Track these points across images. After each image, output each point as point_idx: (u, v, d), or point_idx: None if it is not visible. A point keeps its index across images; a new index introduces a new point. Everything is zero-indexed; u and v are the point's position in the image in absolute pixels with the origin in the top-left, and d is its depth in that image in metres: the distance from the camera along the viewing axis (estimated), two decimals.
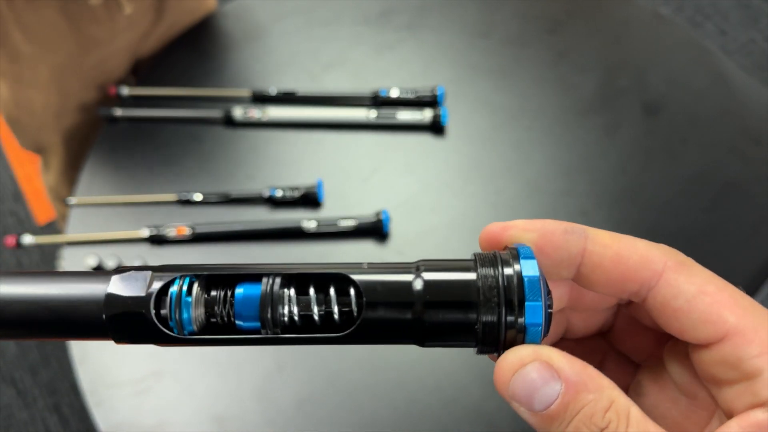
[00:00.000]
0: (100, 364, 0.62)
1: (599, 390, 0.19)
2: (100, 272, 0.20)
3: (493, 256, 0.20)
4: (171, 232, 0.67)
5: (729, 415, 0.20)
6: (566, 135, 0.77)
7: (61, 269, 0.67)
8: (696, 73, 0.83)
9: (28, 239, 0.69)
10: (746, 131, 0.78)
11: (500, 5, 0.88)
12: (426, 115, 0.75)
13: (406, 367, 0.62)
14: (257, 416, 0.59)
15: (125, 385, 0.60)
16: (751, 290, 0.67)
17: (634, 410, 0.19)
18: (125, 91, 0.78)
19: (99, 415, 0.59)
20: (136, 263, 0.64)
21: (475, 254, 0.21)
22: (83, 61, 0.77)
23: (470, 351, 0.21)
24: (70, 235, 0.69)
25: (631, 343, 0.25)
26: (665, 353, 0.23)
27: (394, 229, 0.69)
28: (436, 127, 0.76)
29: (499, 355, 0.20)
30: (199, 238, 0.67)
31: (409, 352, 0.62)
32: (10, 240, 0.69)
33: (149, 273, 0.20)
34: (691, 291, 0.20)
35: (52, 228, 1.41)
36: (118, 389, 0.60)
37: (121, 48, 0.81)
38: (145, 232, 0.67)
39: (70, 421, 1.20)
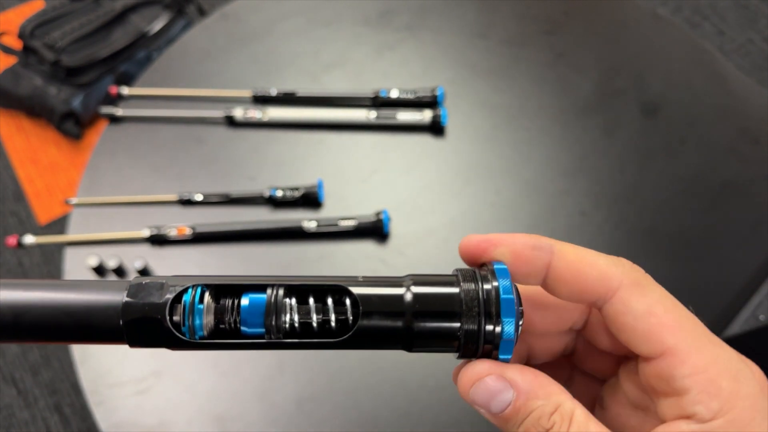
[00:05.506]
0: (101, 364, 0.61)
1: (547, 396, 0.22)
2: (116, 281, 0.21)
3: (473, 273, 0.22)
4: (172, 232, 0.67)
5: (662, 423, 0.22)
6: (565, 135, 0.77)
7: (66, 271, 0.67)
8: (694, 73, 0.83)
9: (29, 239, 0.68)
10: (744, 131, 0.78)
11: (499, 6, 0.89)
12: (426, 115, 0.75)
13: (407, 368, 0.62)
14: (258, 416, 0.59)
15: (126, 385, 0.60)
16: (750, 290, 0.67)
17: (579, 411, 0.21)
18: (126, 91, 0.78)
19: (100, 414, 0.59)
20: (137, 263, 0.65)
21: (457, 270, 0.23)
22: None
23: None
24: (71, 235, 0.69)
25: (591, 364, 0.28)
26: (621, 372, 0.26)
27: (394, 229, 0.69)
28: (435, 128, 0.77)
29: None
30: (199, 239, 0.67)
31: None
32: (12, 240, 0.69)
33: (164, 282, 0.21)
34: (640, 310, 0.22)
35: (53, 228, 1.40)
36: (119, 389, 0.60)
37: None
38: (146, 232, 0.66)
39: (71, 420, 1.20)
